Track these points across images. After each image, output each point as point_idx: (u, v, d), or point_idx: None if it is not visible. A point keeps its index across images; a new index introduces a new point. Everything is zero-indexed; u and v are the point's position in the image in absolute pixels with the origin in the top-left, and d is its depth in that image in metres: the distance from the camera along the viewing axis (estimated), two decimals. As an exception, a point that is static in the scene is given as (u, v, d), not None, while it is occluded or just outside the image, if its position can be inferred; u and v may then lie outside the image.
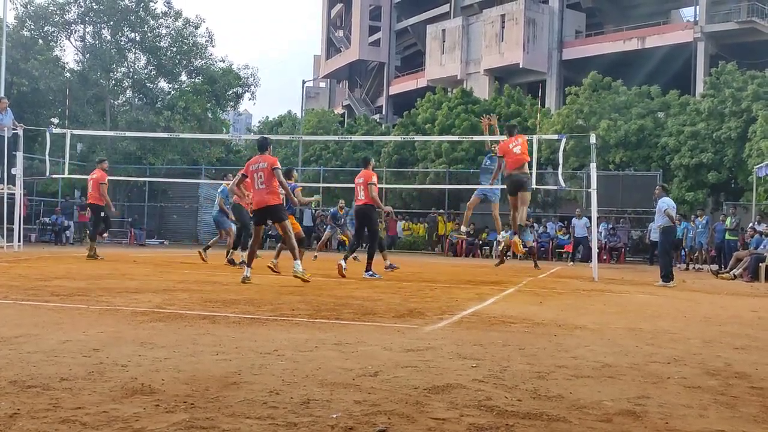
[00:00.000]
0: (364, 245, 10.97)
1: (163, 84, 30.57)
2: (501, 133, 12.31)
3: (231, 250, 12.79)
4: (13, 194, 14.79)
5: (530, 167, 11.19)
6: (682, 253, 19.95)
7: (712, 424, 2.72)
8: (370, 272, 10.07)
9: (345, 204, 18.66)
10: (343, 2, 58.60)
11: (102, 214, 13.62)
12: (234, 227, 12.94)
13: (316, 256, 15.70)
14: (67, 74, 28.21)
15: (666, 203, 11.53)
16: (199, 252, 13.18)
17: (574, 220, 21.15)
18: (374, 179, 10.29)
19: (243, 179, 9.02)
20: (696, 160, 23.13)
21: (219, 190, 13.68)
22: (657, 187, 12.67)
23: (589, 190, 13.62)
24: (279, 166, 8.59)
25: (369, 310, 5.94)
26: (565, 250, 22.58)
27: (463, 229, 14.05)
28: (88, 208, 14.52)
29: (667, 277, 11.33)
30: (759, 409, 3.00)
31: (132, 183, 27.25)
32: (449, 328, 5.14)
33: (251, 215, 9.88)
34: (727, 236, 18.47)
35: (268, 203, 8.58)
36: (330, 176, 28.50)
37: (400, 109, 42.64)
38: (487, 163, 13.06)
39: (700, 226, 19.05)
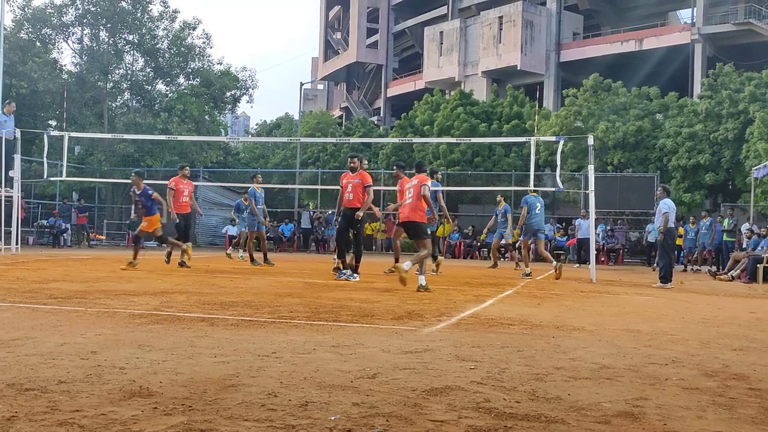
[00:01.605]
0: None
1: (160, 86, 30.59)
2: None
3: (235, 248, 12.93)
4: (11, 197, 14.77)
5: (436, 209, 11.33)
6: (680, 255, 19.95)
7: (710, 426, 2.72)
8: (356, 275, 9.90)
9: None
10: (340, 4, 58.63)
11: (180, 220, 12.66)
12: (245, 231, 13.42)
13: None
14: (65, 76, 28.19)
15: (666, 205, 11.51)
16: (250, 259, 13.27)
17: (580, 221, 20.98)
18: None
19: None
20: (693, 162, 23.15)
21: (249, 191, 14.18)
22: (659, 188, 12.59)
23: (587, 191, 13.63)
24: (428, 183, 9.10)
25: (367, 312, 5.94)
26: (566, 247, 22.56)
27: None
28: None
29: (665, 278, 11.33)
30: (757, 411, 3.00)
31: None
32: (447, 330, 5.14)
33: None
34: (724, 237, 18.49)
35: (412, 219, 9.06)
36: (328, 178, 28.50)
37: (398, 111, 42.65)
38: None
39: (703, 228, 19.02)
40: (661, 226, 11.46)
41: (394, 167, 11.67)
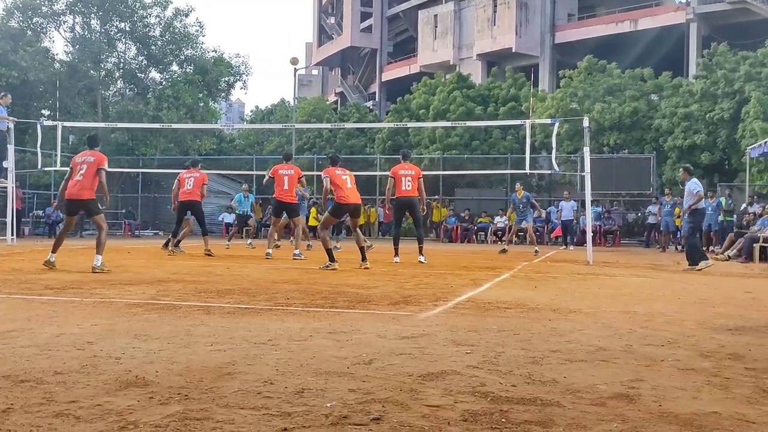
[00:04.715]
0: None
1: (154, 74, 30.38)
2: None
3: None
4: (5, 188, 14.73)
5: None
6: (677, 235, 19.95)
7: (705, 406, 2.73)
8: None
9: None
10: (334, -12, 58.21)
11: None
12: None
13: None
14: (57, 65, 27.99)
15: (696, 185, 11.11)
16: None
17: (562, 203, 20.99)
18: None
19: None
20: (689, 142, 23.12)
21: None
22: (681, 169, 12.15)
23: (583, 173, 13.61)
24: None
25: (364, 298, 5.95)
26: (554, 234, 22.57)
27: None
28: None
29: (694, 261, 10.78)
30: (752, 390, 3.01)
31: (125, 174, 27.17)
32: (444, 314, 5.15)
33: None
34: (721, 217, 18.51)
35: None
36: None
37: (393, 95, 42.44)
38: None
39: (710, 209, 18.99)
40: (691, 204, 10.91)
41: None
